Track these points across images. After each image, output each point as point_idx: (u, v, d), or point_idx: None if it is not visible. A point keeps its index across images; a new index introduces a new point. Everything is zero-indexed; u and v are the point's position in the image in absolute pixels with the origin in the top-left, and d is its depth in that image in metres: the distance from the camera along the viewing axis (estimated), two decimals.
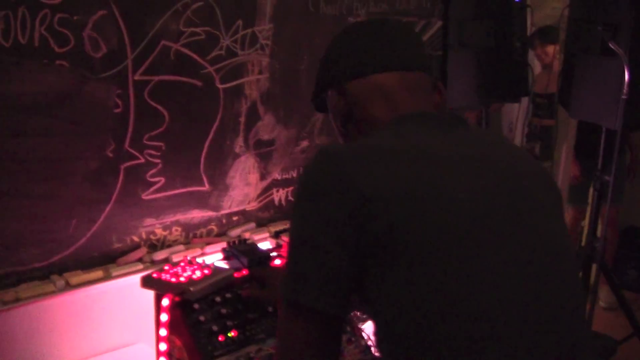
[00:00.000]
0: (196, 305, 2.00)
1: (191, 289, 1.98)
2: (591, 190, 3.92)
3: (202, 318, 1.98)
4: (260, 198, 2.92)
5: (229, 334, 2.00)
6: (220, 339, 1.98)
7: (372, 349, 2.24)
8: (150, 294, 2.07)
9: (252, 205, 2.89)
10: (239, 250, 2.21)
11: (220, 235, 2.78)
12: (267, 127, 2.82)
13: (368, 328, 2.24)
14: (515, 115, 5.54)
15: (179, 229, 2.63)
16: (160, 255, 2.51)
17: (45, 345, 2.25)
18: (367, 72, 1.49)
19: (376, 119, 1.46)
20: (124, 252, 2.47)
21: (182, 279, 2.03)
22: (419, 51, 1.54)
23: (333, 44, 1.58)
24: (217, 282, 2.08)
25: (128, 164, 2.39)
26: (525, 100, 4.55)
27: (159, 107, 2.41)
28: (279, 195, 2.99)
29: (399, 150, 1.28)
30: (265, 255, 2.25)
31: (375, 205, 1.17)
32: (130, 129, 2.35)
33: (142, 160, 2.42)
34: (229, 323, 2.01)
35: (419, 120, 1.40)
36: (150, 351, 2.39)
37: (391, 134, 1.36)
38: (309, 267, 1.19)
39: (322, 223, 1.19)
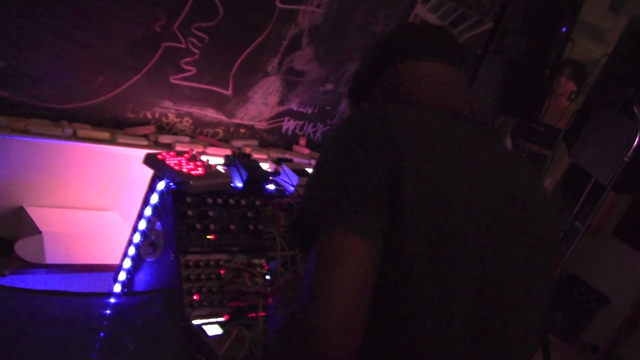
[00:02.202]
0: (188, 199, 1.98)
1: (191, 182, 1.95)
2: None
3: (190, 212, 1.96)
4: (272, 121, 2.90)
5: (208, 236, 2.00)
6: (198, 237, 1.98)
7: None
8: (147, 172, 2.05)
9: (261, 125, 2.86)
10: (242, 164, 2.18)
11: (224, 141, 2.76)
12: (303, 58, 2.78)
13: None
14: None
15: (190, 121, 2.60)
16: (165, 139, 2.48)
17: (32, 181, 2.22)
18: (421, 56, 1.48)
19: (417, 102, 1.44)
20: (134, 124, 2.43)
21: (184, 169, 2.01)
22: (465, 54, 1.56)
23: (394, 30, 1.59)
24: (215, 184, 2.06)
25: (170, 44, 2.34)
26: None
27: (218, 2, 2.35)
28: (289, 125, 2.97)
29: (441, 132, 1.28)
30: (265, 176, 2.23)
31: (406, 164, 1.17)
32: (184, 13, 2.29)
33: (183, 46, 2.37)
34: (211, 226, 2.00)
35: (458, 118, 1.38)
36: (122, 222, 2.39)
37: (435, 120, 1.33)
38: (346, 195, 1.16)
39: (361, 157, 1.18)
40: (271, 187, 2.25)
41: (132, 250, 2.08)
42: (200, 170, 2.04)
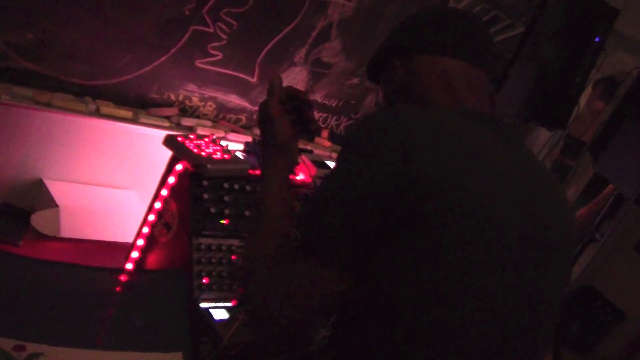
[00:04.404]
0: (205, 182, 1.98)
1: (209, 166, 1.95)
2: None
3: (205, 196, 1.97)
4: None
5: (222, 221, 1.99)
6: (212, 221, 1.97)
7: None
8: (166, 153, 2.05)
9: None
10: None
11: (246, 128, 2.75)
12: (331, 50, 2.76)
13: None
14: (539, 148, 5.43)
15: (214, 105, 2.59)
16: (188, 121, 2.47)
17: (52, 155, 2.23)
18: (438, 52, 1.38)
19: (432, 102, 1.35)
20: (158, 105, 2.43)
21: (203, 153, 2.00)
22: (492, 52, 1.45)
23: (415, 15, 1.47)
24: (233, 170, 2.05)
25: (198, 27, 2.33)
26: (545, 134, 4.53)
27: None
28: None
29: (463, 143, 1.19)
30: None
31: (425, 186, 1.10)
32: None
33: (211, 30, 2.36)
34: (226, 211, 2.00)
35: (479, 119, 1.29)
36: (138, 201, 2.39)
37: (454, 122, 1.24)
38: (337, 217, 1.13)
39: (367, 181, 1.12)
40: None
41: (146, 229, 2.08)
42: (218, 155, 2.04)
